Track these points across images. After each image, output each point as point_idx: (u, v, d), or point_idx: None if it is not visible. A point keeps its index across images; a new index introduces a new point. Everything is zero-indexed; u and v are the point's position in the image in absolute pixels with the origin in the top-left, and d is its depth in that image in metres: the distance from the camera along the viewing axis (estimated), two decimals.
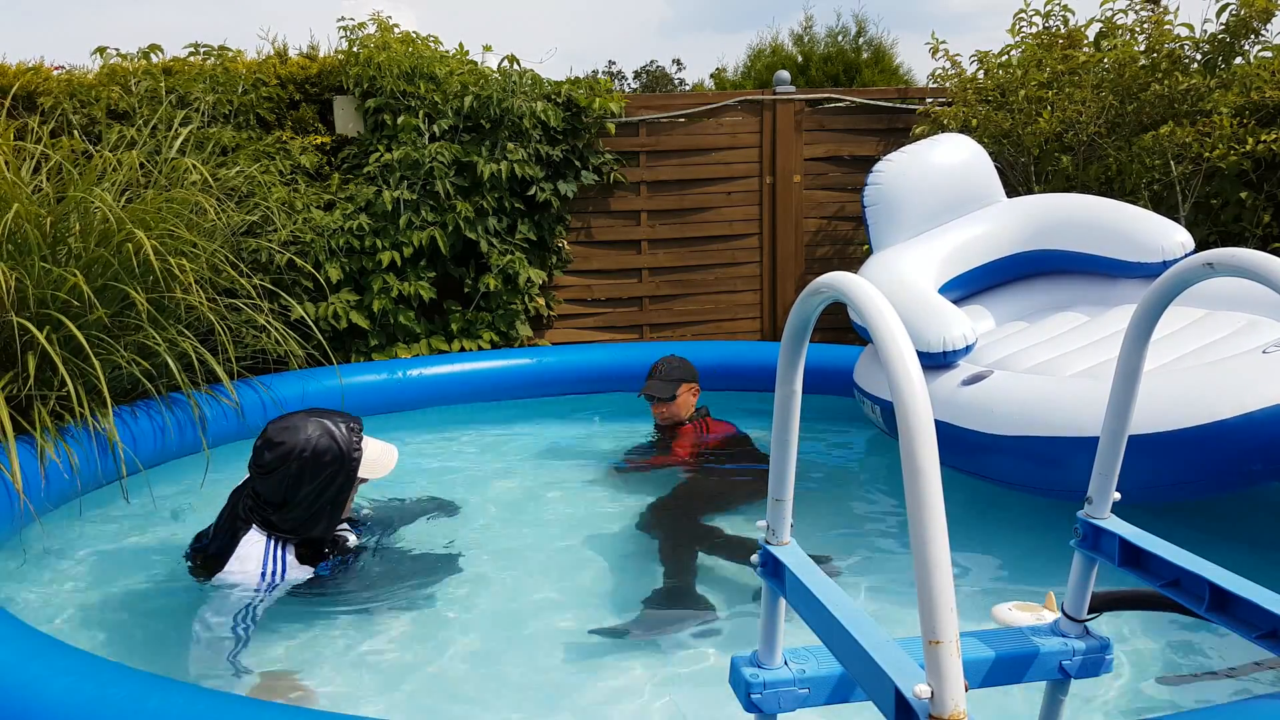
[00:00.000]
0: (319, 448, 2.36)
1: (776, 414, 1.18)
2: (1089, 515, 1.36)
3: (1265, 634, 1.17)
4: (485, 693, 2.13)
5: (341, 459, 2.39)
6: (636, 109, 5.46)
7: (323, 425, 2.40)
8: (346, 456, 2.40)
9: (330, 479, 2.38)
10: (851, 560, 2.80)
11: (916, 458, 0.87)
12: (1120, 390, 1.30)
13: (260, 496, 2.40)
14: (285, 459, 2.34)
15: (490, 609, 2.51)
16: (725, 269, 5.69)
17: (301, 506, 2.39)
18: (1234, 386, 2.41)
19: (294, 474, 2.35)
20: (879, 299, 0.96)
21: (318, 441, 2.36)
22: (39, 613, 2.47)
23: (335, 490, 2.41)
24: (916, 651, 0.96)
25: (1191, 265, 1.19)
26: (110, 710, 1.63)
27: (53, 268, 3.21)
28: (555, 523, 3.11)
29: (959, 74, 5.37)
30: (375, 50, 4.88)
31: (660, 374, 3.69)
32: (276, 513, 2.40)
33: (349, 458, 2.40)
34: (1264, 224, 4.22)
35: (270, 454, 2.36)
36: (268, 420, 2.48)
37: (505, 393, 4.63)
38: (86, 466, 3.12)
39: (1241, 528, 2.96)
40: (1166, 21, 4.64)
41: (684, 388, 3.70)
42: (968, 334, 3.15)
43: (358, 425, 2.48)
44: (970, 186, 3.80)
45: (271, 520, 2.41)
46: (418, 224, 4.87)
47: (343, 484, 2.41)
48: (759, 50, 13.02)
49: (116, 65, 4.81)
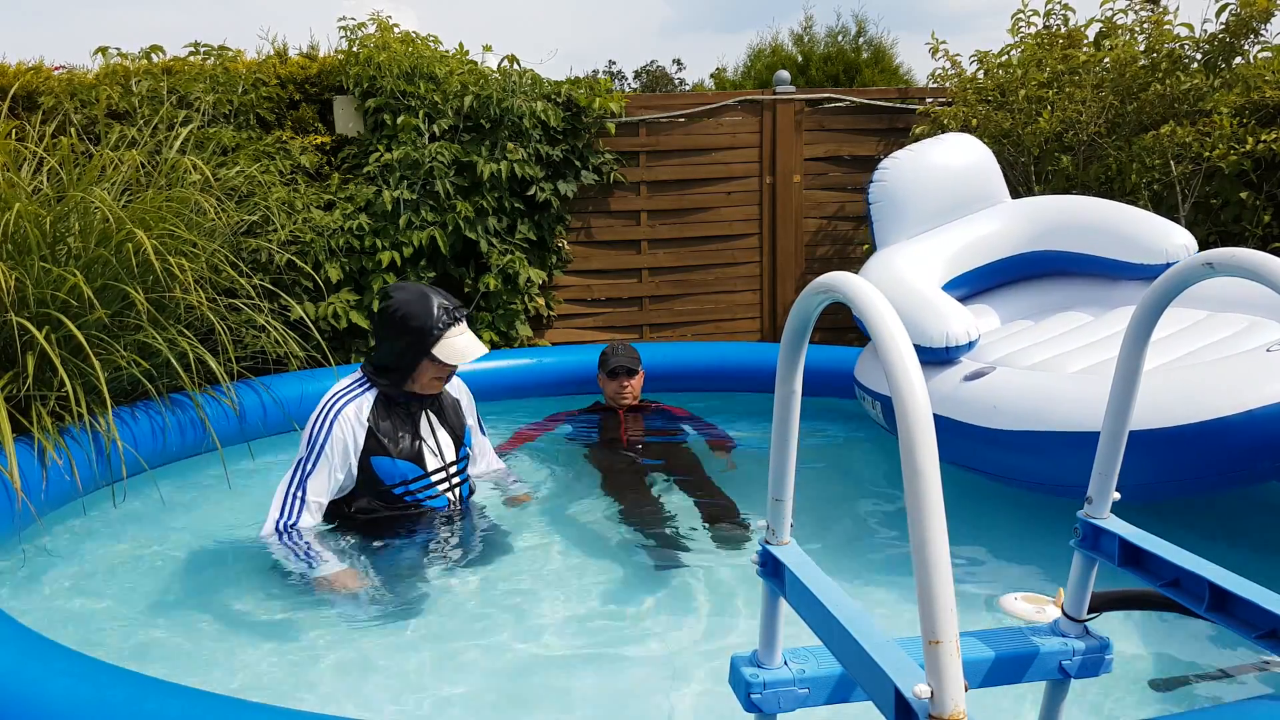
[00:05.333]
0: (409, 311, 2.68)
1: (776, 414, 1.17)
2: (1089, 515, 1.35)
3: (1265, 634, 1.17)
4: (484, 693, 2.13)
5: (421, 329, 2.67)
6: (636, 109, 5.46)
7: (425, 296, 2.71)
8: (426, 329, 2.67)
9: (407, 341, 2.69)
10: (851, 560, 2.80)
11: (916, 458, 0.87)
12: (1120, 390, 1.30)
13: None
14: (384, 312, 2.72)
15: (489, 609, 2.51)
16: (725, 269, 5.69)
17: (382, 351, 2.74)
18: (1236, 384, 2.41)
19: (384, 325, 2.71)
20: (878, 299, 0.96)
21: (410, 306, 2.68)
22: (38, 614, 2.47)
23: (408, 351, 2.70)
24: (916, 651, 0.96)
25: (1191, 265, 1.18)
26: (109, 712, 1.62)
27: (52, 267, 3.20)
28: (556, 523, 3.10)
29: (959, 74, 5.37)
30: (375, 50, 4.88)
31: (622, 353, 3.81)
32: (370, 356, 2.81)
33: (428, 331, 2.67)
34: (1264, 224, 4.22)
35: (379, 305, 2.77)
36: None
37: (505, 393, 4.63)
38: (86, 467, 3.12)
39: (1241, 528, 2.96)
40: (1166, 21, 4.64)
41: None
42: (970, 330, 3.15)
43: (458, 314, 2.74)
44: (975, 186, 3.81)
45: (367, 361, 2.82)
46: (418, 224, 4.87)
47: (416, 349, 2.70)
48: (759, 50, 13.05)
49: (117, 65, 4.82)
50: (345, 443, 2.68)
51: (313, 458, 2.67)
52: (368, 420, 2.71)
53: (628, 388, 3.78)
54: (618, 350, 3.82)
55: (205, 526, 3.12)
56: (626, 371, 3.77)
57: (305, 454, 2.68)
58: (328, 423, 2.68)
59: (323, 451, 2.66)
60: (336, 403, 2.71)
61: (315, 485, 2.67)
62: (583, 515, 3.15)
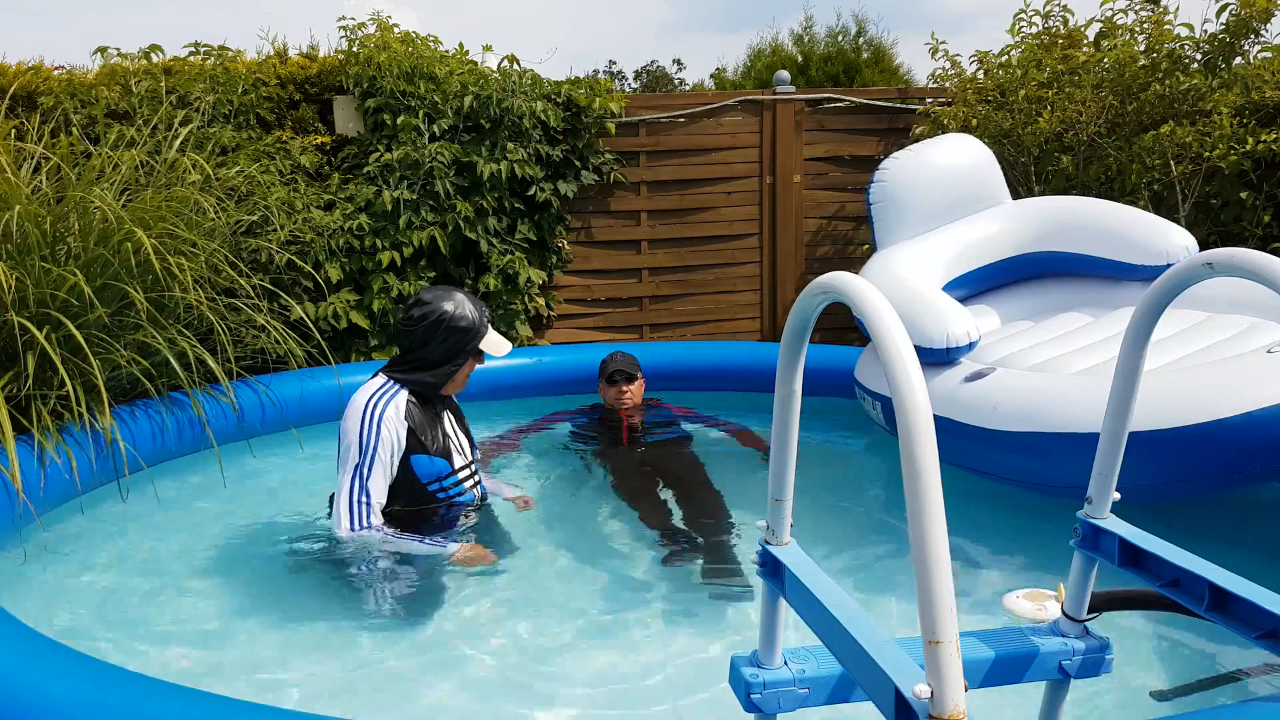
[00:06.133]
0: (458, 314, 2.79)
1: (776, 414, 1.17)
2: (1089, 515, 1.35)
3: (1265, 634, 1.17)
4: (482, 694, 2.13)
5: (471, 328, 2.82)
6: (636, 109, 5.46)
7: (461, 298, 2.84)
8: (476, 327, 2.82)
9: (457, 339, 2.80)
10: (852, 560, 2.80)
11: (916, 458, 0.87)
12: (1120, 391, 1.30)
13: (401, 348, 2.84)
14: (428, 315, 2.77)
15: (487, 609, 2.50)
16: (725, 269, 5.69)
17: (430, 352, 2.80)
18: (1235, 385, 2.41)
19: (431, 327, 2.77)
20: (879, 299, 0.96)
21: (457, 307, 2.80)
22: (38, 614, 2.47)
23: (458, 349, 2.81)
24: (916, 651, 0.96)
25: (1191, 265, 1.18)
26: (109, 712, 1.62)
27: (52, 267, 3.20)
28: (555, 523, 3.10)
29: (959, 74, 5.37)
30: (375, 50, 4.88)
31: (620, 359, 3.81)
32: (407, 358, 2.81)
33: (477, 329, 2.83)
34: (1264, 224, 4.22)
35: (419, 310, 2.79)
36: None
37: (505, 393, 4.63)
38: (86, 466, 3.12)
39: (1241, 528, 2.96)
40: (1166, 21, 4.64)
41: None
42: (971, 330, 3.15)
43: (487, 312, 2.92)
44: (975, 187, 3.81)
45: (399, 365, 2.82)
46: (417, 224, 4.87)
47: (465, 346, 2.82)
48: (759, 50, 13.04)
49: (117, 65, 4.81)
50: (392, 443, 2.71)
51: (368, 461, 2.68)
52: (405, 420, 2.74)
53: (626, 393, 3.76)
54: (616, 357, 3.82)
55: (205, 526, 3.12)
56: (625, 377, 3.76)
57: (359, 458, 2.68)
58: (376, 423, 2.70)
59: (376, 453, 2.68)
60: (378, 404, 2.73)
61: (376, 487, 2.69)
62: (584, 516, 3.15)
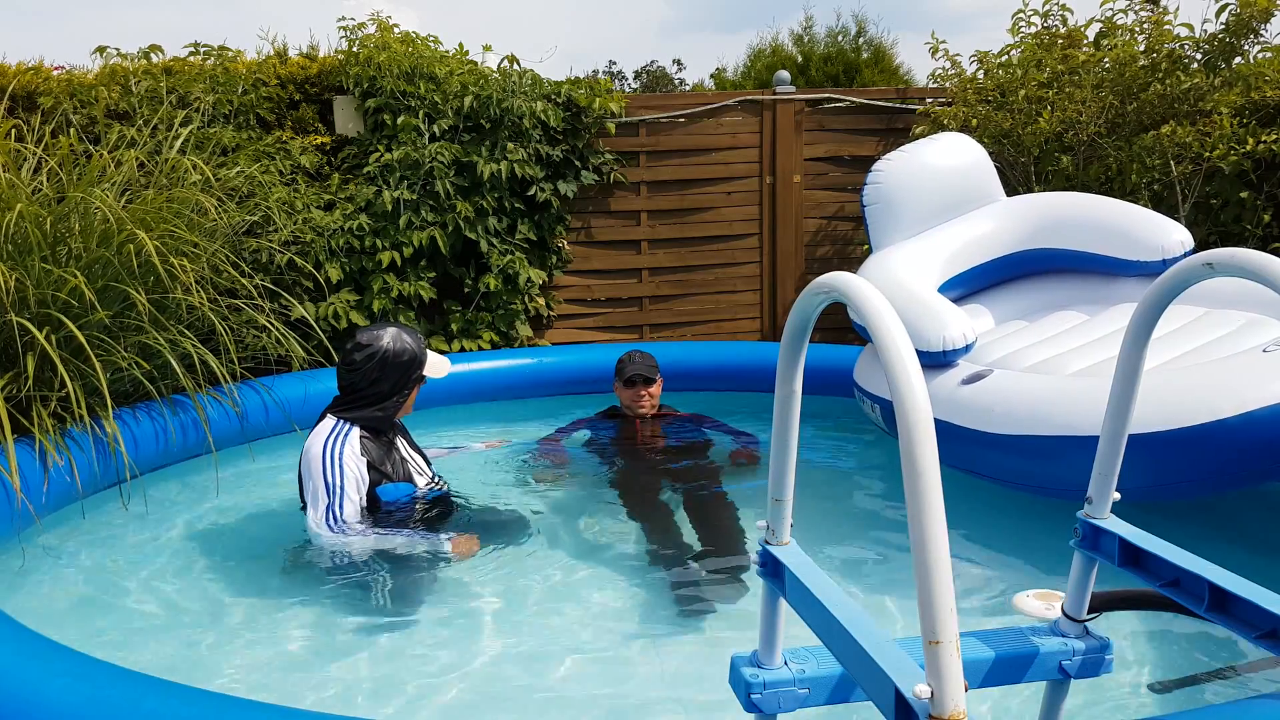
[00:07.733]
0: (398, 348, 2.90)
1: (776, 414, 1.17)
2: (1089, 515, 1.35)
3: (1265, 634, 1.17)
4: (481, 695, 2.13)
5: (415, 358, 2.93)
6: (636, 109, 5.46)
7: (398, 331, 2.95)
8: (418, 356, 2.94)
9: (402, 371, 2.90)
10: (851, 560, 2.80)
11: (916, 458, 0.87)
12: (1120, 390, 1.30)
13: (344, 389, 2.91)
14: (372, 355, 2.86)
15: (486, 609, 2.51)
16: (725, 269, 5.69)
17: (380, 388, 2.88)
18: (1235, 385, 2.41)
19: (377, 366, 2.86)
20: (878, 299, 0.96)
21: (396, 342, 2.90)
22: (38, 614, 2.47)
23: (403, 380, 2.92)
24: (916, 651, 0.96)
25: (1191, 265, 1.19)
26: (107, 712, 1.62)
27: (53, 268, 3.20)
28: (555, 522, 3.10)
29: (959, 74, 5.37)
30: (375, 50, 4.88)
31: (639, 360, 3.72)
32: (353, 397, 2.89)
33: (419, 357, 2.95)
34: (1264, 224, 4.22)
35: (360, 353, 2.87)
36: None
37: (505, 393, 4.62)
38: (86, 468, 3.12)
39: (1241, 528, 2.96)
40: (1166, 21, 4.64)
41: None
42: (967, 333, 3.15)
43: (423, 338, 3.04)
44: (970, 186, 3.80)
45: (345, 404, 2.90)
46: (418, 224, 4.87)
47: (413, 377, 2.94)
48: (759, 50, 13.04)
49: (116, 65, 4.81)
50: (356, 479, 2.79)
51: (339, 500, 2.74)
52: (363, 455, 2.82)
53: (645, 396, 3.69)
54: (634, 358, 3.73)
55: (205, 527, 3.12)
56: (644, 380, 3.69)
57: (329, 499, 2.74)
58: (338, 463, 2.77)
59: (344, 490, 2.75)
60: (335, 445, 2.79)
61: (349, 514, 2.76)
62: (595, 525, 3.12)
